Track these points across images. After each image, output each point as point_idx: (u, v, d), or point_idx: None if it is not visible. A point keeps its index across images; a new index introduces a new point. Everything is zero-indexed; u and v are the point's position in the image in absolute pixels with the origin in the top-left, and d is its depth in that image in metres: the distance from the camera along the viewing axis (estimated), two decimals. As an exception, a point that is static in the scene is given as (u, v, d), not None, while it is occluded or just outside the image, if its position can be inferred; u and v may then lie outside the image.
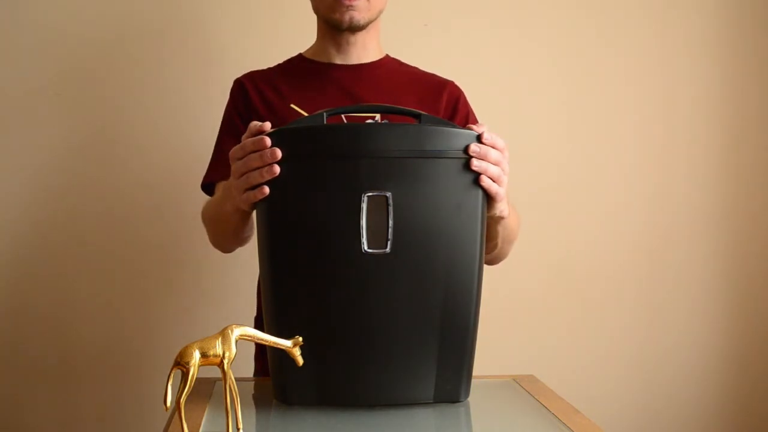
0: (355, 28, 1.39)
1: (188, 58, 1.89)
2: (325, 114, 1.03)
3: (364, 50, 1.45)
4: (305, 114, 1.35)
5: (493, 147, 1.04)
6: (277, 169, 1.00)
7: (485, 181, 1.02)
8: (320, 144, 1.00)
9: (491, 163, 1.03)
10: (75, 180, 1.89)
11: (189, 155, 1.41)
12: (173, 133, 1.89)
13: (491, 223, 1.17)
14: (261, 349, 1.45)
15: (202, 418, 1.01)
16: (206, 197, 1.42)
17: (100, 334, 1.90)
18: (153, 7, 1.89)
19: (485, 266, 1.09)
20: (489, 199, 1.05)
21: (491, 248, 1.26)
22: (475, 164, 1.01)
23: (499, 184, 1.05)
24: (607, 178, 2.05)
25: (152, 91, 1.90)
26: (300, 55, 1.50)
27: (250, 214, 1.19)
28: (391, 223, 0.99)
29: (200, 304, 1.92)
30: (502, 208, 1.12)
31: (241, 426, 0.92)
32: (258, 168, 1.01)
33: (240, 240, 1.37)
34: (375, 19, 1.42)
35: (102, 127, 1.89)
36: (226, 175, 1.34)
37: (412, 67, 1.52)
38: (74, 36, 1.88)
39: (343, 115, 1.22)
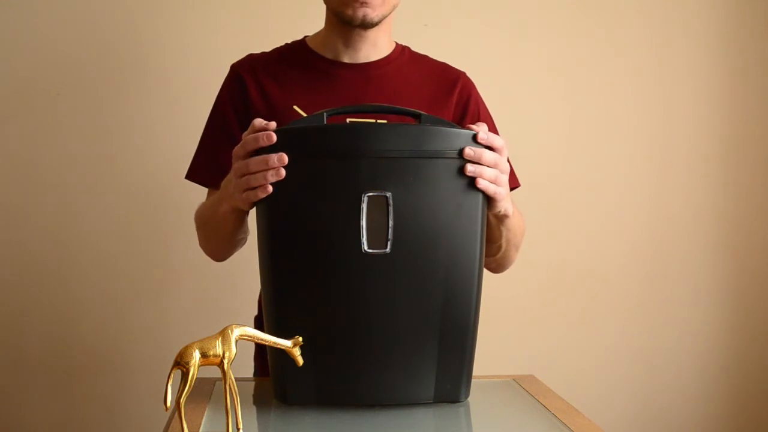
0: (367, 26, 1.31)
1: (189, 55, 1.89)
2: (325, 114, 1.03)
3: (374, 47, 1.36)
4: (306, 116, 1.33)
5: (489, 147, 1.02)
6: (283, 172, 0.99)
7: (481, 183, 1.01)
8: (320, 144, 1.00)
9: (487, 166, 1.01)
10: (75, 179, 1.89)
11: (190, 154, 1.40)
12: (174, 131, 1.89)
13: (495, 223, 1.16)
14: (260, 348, 1.45)
15: (202, 418, 1.01)
16: (202, 198, 1.39)
17: (100, 333, 1.90)
18: (152, 5, 1.89)
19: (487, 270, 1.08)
20: (489, 198, 1.04)
21: (495, 251, 1.24)
22: (470, 169, 1.00)
23: (497, 185, 1.03)
24: (607, 178, 2.05)
25: (152, 88, 1.90)
26: (304, 42, 1.40)
27: (247, 214, 1.17)
28: (391, 223, 0.99)
29: (200, 304, 1.92)
30: (505, 206, 1.09)
31: (241, 426, 0.92)
32: (262, 171, 1.00)
33: (233, 243, 1.33)
34: (388, 15, 1.33)
35: (102, 126, 1.89)
36: (211, 174, 1.32)
37: (422, 57, 1.44)
38: (74, 36, 1.88)
39: (349, 119, 1.21)
